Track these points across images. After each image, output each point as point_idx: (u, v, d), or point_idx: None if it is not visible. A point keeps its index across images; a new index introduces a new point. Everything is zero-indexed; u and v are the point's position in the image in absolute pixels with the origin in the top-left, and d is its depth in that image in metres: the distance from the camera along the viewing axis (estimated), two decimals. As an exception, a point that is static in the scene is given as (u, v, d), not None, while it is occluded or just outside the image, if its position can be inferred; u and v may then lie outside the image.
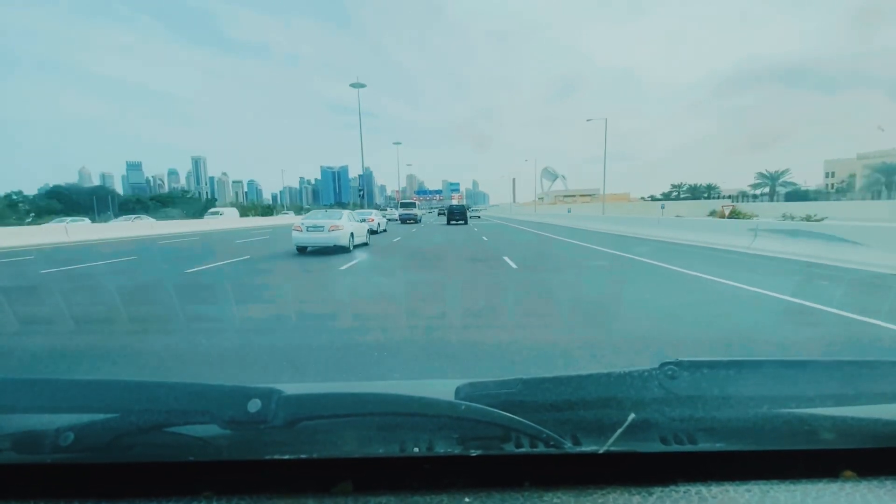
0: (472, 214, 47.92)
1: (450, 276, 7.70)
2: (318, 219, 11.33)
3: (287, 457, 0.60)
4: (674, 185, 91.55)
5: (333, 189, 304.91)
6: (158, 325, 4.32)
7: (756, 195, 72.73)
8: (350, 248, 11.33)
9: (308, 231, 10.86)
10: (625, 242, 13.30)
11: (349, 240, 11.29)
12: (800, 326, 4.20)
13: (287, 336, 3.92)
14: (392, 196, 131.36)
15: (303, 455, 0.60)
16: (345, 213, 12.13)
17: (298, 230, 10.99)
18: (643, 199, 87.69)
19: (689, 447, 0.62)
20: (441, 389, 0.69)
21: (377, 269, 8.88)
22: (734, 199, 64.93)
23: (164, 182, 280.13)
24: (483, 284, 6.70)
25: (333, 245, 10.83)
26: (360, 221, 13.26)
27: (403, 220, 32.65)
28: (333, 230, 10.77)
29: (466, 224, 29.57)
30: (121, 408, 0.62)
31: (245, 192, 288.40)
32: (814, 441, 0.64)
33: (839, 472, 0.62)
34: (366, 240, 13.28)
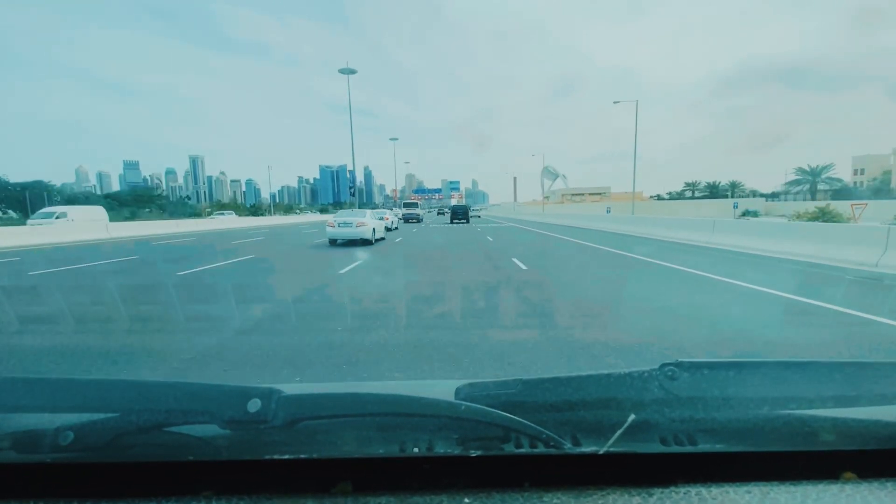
0: (473, 214, 49.38)
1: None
2: (347, 217, 13.50)
3: (287, 457, 0.60)
4: (688, 184, 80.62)
5: (332, 188, 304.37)
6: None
7: (793, 193, 60.36)
8: (372, 241, 13.49)
9: (339, 227, 13.04)
10: (733, 260, 8.58)
11: (372, 234, 13.47)
12: None
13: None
14: (389, 195, 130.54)
15: (302, 455, 0.59)
16: (368, 213, 14.41)
17: (331, 226, 13.17)
18: (652, 199, 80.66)
19: (689, 448, 0.62)
20: (441, 390, 0.69)
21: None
22: (767, 198, 59.03)
23: (162, 181, 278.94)
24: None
25: (359, 238, 12.92)
26: (379, 219, 15.33)
27: (407, 220, 36.19)
28: (359, 226, 12.93)
29: (468, 223, 32.19)
30: (120, 407, 0.62)
31: (243, 192, 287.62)
32: (814, 442, 0.64)
33: (839, 474, 0.62)
34: (383, 235, 15.47)
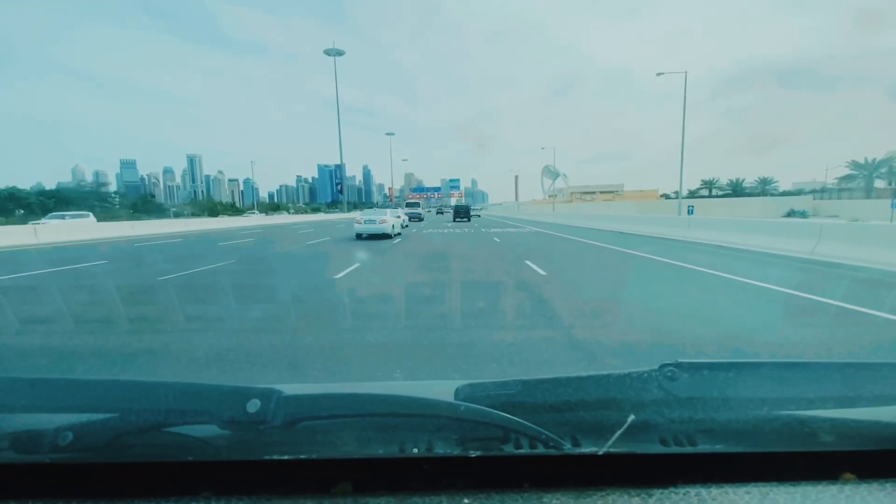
0: (473, 214, 50.03)
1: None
2: (372, 215, 16.07)
3: (286, 457, 0.59)
4: (704, 182, 72.59)
5: (331, 187, 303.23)
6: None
7: (847, 190, 53.56)
8: (392, 236, 15.86)
9: (365, 224, 15.50)
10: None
11: (392, 230, 15.93)
12: None
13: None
14: (386, 194, 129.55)
15: (302, 455, 0.59)
16: (388, 212, 16.96)
17: (359, 223, 15.69)
18: (661, 198, 71.74)
19: (689, 449, 0.62)
20: (440, 390, 0.69)
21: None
22: (816, 196, 50.41)
23: (160, 180, 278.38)
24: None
25: (382, 233, 15.32)
26: (396, 217, 17.76)
27: (410, 218, 38.45)
28: (382, 223, 15.36)
29: (469, 221, 33.25)
30: (120, 408, 0.62)
31: (241, 191, 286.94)
32: (813, 443, 0.64)
33: (839, 475, 0.62)
34: (399, 231, 18.07)
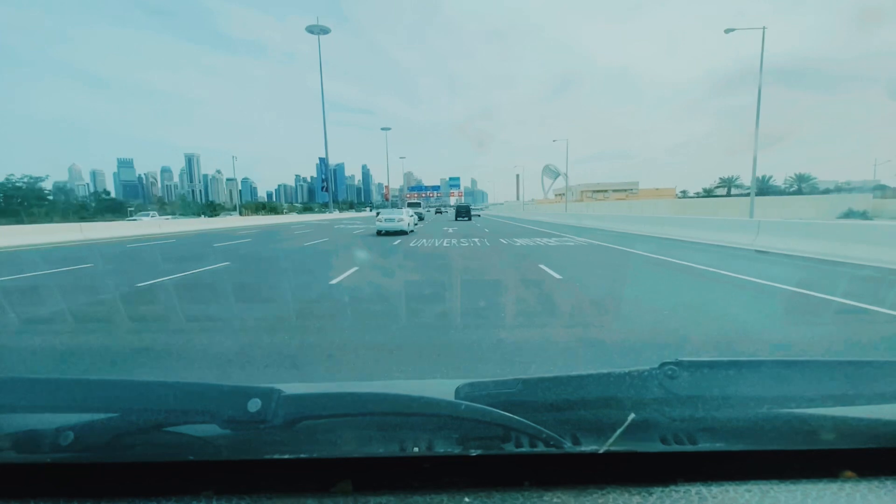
0: (473, 213, 49.85)
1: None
2: (391, 214, 18.72)
3: (287, 456, 0.59)
4: (723, 179, 69.08)
5: (329, 187, 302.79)
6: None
7: None
8: (408, 232, 18.51)
9: (385, 221, 18.02)
10: None
11: (408, 226, 18.65)
12: None
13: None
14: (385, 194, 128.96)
15: (303, 455, 0.59)
16: (404, 211, 19.71)
17: (380, 221, 18.18)
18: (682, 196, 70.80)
19: (689, 447, 0.62)
20: (441, 389, 0.69)
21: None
22: (877, 193, 42.87)
23: (157, 180, 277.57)
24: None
25: (399, 230, 17.91)
26: (410, 216, 20.08)
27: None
28: (399, 221, 17.93)
29: (470, 220, 33.99)
30: (121, 407, 0.62)
31: (239, 191, 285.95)
32: (814, 441, 0.64)
33: (839, 473, 0.62)
34: (413, 228, 20.57)
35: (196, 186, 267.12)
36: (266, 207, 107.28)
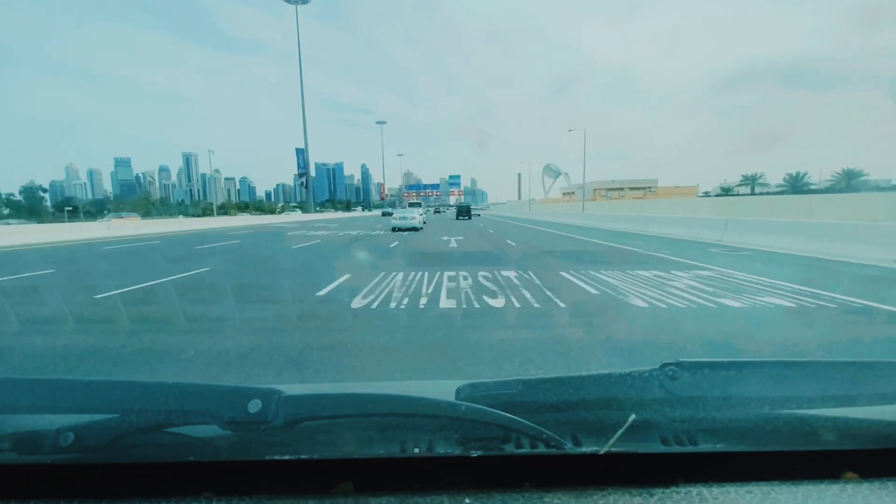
0: (473, 213, 49.68)
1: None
2: (405, 213, 21.33)
3: (287, 457, 0.59)
4: (745, 177, 64.73)
5: (328, 186, 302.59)
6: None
7: None
8: (419, 228, 20.74)
9: (400, 219, 20.50)
10: None
11: (419, 224, 21.28)
12: None
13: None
14: (386, 193, 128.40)
15: (303, 455, 0.59)
16: (416, 210, 22.62)
17: (395, 219, 20.84)
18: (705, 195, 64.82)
19: (690, 448, 0.62)
20: (441, 390, 0.69)
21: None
22: None
23: (155, 179, 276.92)
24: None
25: (412, 227, 20.14)
26: (420, 215, 22.67)
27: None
28: (412, 219, 20.29)
29: (470, 219, 34.86)
30: (121, 408, 0.61)
31: (237, 190, 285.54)
32: (815, 442, 0.64)
33: (840, 474, 0.62)
34: (422, 225, 22.89)
35: (194, 186, 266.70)
36: (249, 207, 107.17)
